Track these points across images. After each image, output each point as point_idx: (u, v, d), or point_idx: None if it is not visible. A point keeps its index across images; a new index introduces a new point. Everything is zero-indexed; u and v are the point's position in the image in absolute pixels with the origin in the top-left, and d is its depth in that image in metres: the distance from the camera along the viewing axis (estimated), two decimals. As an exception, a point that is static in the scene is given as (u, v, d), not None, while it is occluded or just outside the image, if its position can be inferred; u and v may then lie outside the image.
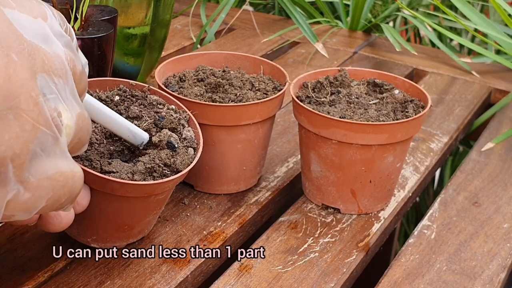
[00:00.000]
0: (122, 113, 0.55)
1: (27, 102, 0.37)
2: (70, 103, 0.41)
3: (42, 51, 0.39)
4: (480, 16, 0.97)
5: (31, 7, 0.41)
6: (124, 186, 0.49)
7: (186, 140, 0.55)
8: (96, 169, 0.50)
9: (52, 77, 0.39)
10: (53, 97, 0.39)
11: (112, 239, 0.55)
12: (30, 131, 0.37)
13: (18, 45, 0.37)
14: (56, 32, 0.42)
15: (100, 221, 0.53)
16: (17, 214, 0.39)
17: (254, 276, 0.56)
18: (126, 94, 0.57)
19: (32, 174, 0.38)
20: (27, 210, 0.39)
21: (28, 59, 0.37)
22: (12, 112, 0.36)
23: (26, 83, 0.37)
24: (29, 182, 0.38)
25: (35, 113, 0.37)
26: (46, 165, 0.39)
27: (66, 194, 0.42)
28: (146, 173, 0.51)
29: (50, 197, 0.40)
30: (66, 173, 0.41)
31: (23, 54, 0.37)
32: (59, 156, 0.40)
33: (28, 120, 0.37)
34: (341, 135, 0.59)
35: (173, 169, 0.52)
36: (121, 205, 0.52)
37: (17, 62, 0.36)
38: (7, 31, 0.37)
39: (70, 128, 0.41)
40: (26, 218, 0.40)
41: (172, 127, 0.55)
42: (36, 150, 0.38)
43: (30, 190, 0.38)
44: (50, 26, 0.41)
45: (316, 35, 1.01)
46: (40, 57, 0.39)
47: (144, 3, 0.77)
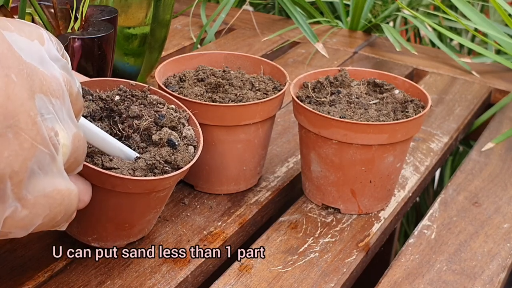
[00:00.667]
0: (122, 112, 0.56)
1: (26, 121, 0.37)
2: (66, 123, 0.42)
3: (40, 72, 0.40)
4: (480, 16, 0.97)
5: (29, 31, 0.42)
6: (125, 182, 0.49)
7: (186, 138, 0.55)
8: (97, 165, 0.50)
9: (50, 98, 0.40)
10: (50, 117, 0.40)
11: (112, 238, 0.55)
12: (28, 150, 0.38)
13: (17, 66, 0.38)
14: (53, 55, 0.43)
15: (100, 219, 0.53)
16: (14, 231, 0.40)
17: (254, 276, 0.56)
18: (126, 94, 0.58)
19: (30, 192, 0.39)
20: (24, 227, 0.40)
21: (27, 80, 0.38)
22: (11, 130, 0.37)
23: (25, 102, 0.37)
24: (27, 199, 0.39)
25: (34, 132, 0.38)
26: (44, 183, 0.40)
27: (62, 211, 0.42)
28: (147, 169, 0.51)
29: (47, 214, 0.41)
30: (62, 191, 0.42)
31: (22, 75, 0.38)
32: (56, 175, 0.41)
33: (27, 138, 0.37)
34: (341, 135, 0.59)
35: (174, 166, 0.52)
36: (122, 202, 0.52)
37: (16, 83, 0.37)
38: (7, 52, 0.37)
39: (66, 147, 0.42)
40: (23, 235, 0.41)
41: (172, 125, 0.55)
42: (34, 168, 0.39)
43: (28, 207, 0.39)
44: (47, 50, 0.42)
45: (316, 35, 1.01)
46: (38, 78, 0.39)
47: (144, 3, 0.77)
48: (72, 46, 0.59)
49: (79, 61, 0.60)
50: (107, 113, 0.56)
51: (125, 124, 0.55)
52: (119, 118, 0.55)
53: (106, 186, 0.50)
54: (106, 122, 0.55)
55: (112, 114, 0.56)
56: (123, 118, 0.55)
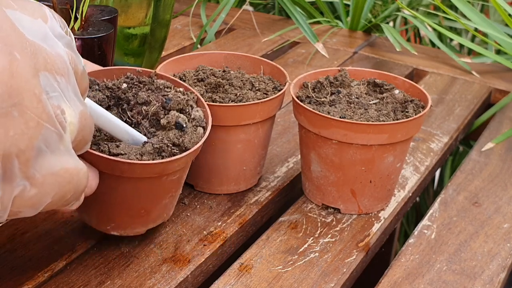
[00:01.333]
0: (130, 100, 0.55)
1: (31, 99, 0.37)
2: (72, 101, 0.41)
3: (44, 50, 0.40)
4: (480, 16, 0.97)
5: (32, 9, 0.41)
6: (132, 167, 0.49)
7: (195, 120, 0.55)
8: (104, 152, 0.50)
9: (55, 75, 0.40)
10: (56, 95, 0.40)
11: (130, 225, 0.55)
12: (34, 128, 0.37)
13: (21, 44, 0.37)
14: (57, 33, 0.42)
15: (116, 207, 0.53)
16: (23, 210, 0.39)
17: (254, 276, 0.56)
18: (134, 81, 0.57)
19: (38, 170, 0.39)
20: (33, 206, 0.40)
21: (31, 58, 0.38)
22: (16, 109, 0.36)
23: (29, 80, 0.37)
24: (35, 178, 0.39)
25: (39, 110, 0.38)
26: (51, 161, 0.40)
27: (71, 190, 0.42)
28: (155, 153, 0.51)
29: (56, 193, 0.41)
30: (71, 170, 0.41)
31: (25, 52, 0.38)
32: (63, 153, 0.41)
33: (33, 117, 0.37)
34: (341, 135, 0.59)
35: (182, 148, 0.52)
36: (133, 188, 0.52)
37: (20, 60, 0.37)
38: (10, 30, 0.37)
39: (73, 125, 0.41)
40: (32, 214, 0.41)
41: (180, 108, 0.55)
42: (41, 146, 0.38)
43: (36, 186, 0.39)
44: (51, 27, 0.42)
45: (316, 35, 1.01)
46: (42, 56, 0.39)
47: (144, 3, 0.77)
48: (72, 46, 0.59)
49: (79, 61, 0.60)
50: (115, 101, 0.55)
51: (133, 111, 0.55)
52: (127, 106, 0.55)
53: (115, 173, 0.49)
54: (115, 111, 0.55)
55: (120, 102, 0.55)
56: (132, 106, 0.55)
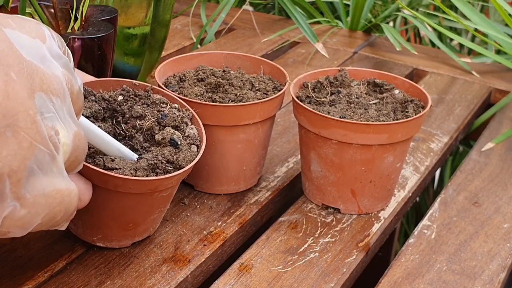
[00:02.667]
0: (125, 112, 0.56)
1: (25, 120, 0.37)
2: (67, 122, 0.42)
3: (41, 71, 0.40)
4: (480, 16, 0.97)
5: (30, 28, 0.41)
6: (127, 182, 0.49)
7: (189, 137, 0.55)
8: (99, 166, 0.50)
9: (50, 96, 0.40)
10: (50, 115, 0.40)
11: (117, 237, 0.55)
12: (27, 149, 0.38)
13: (18, 64, 0.38)
14: (54, 53, 0.42)
15: (105, 219, 0.53)
16: (12, 230, 0.39)
17: (254, 276, 0.56)
18: (129, 94, 0.58)
19: (29, 191, 0.39)
20: (23, 226, 0.40)
21: (27, 78, 0.38)
22: (10, 129, 0.36)
23: (24, 101, 0.37)
24: (26, 198, 0.39)
25: (33, 131, 0.38)
26: (43, 182, 0.40)
27: (62, 211, 0.42)
28: (149, 169, 0.51)
29: (46, 214, 0.41)
30: (62, 191, 0.41)
31: (22, 73, 0.38)
32: (55, 174, 0.41)
33: (26, 137, 0.37)
34: (341, 135, 0.59)
35: (176, 165, 0.52)
36: (125, 202, 0.52)
37: (16, 81, 0.37)
38: (8, 50, 0.37)
39: (67, 146, 0.41)
40: (22, 234, 0.41)
41: (175, 125, 0.55)
42: (33, 167, 0.38)
43: (27, 207, 0.39)
44: (49, 48, 0.42)
45: (316, 35, 1.01)
46: (39, 77, 0.39)
47: (144, 3, 0.77)
48: (72, 46, 0.59)
49: (79, 61, 0.60)
50: (110, 113, 0.56)
51: (128, 124, 0.55)
52: (122, 118, 0.55)
53: (109, 187, 0.50)
54: (110, 122, 0.55)
55: (115, 114, 0.56)
56: (126, 118, 0.55)
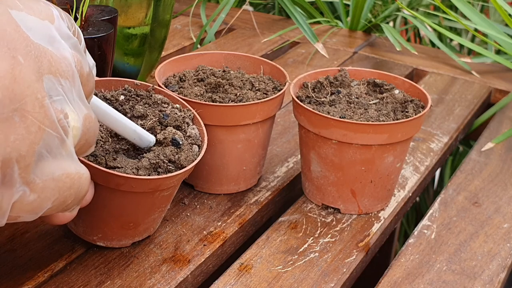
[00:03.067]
0: (127, 112, 0.56)
1: (33, 104, 0.37)
2: (77, 105, 0.41)
3: (49, 53, 0.39)
4: (480, 16, 0.97)
5: (38, 9, 0.41)
6: (128, 181, 0.49)
7: (190, 137, 0.55)
8: (101, 164, 0.50)
9: (59, 78, 0.39)
10: (59, 98, 0.39)
11: (117, 237, 0.55)
12: (35, 133, 0.37)
13: (25, 47, 0.37)
14: (64, 34, 0.42)
15: (105, 218, 0.54)
16: (23, 215, 0.39)
17: (254, 276, 0.56)
18: (131, 94, 0.58)
19: (38, 176, 0.38)
20: (33, 211, 0.39)
21: (35, 61, 0.38)
22: (17, 114, 0.36)
23: (32, 85, 0.37)
24: (35, 183, 0.38)
25: (41, 115, 0.37)
26: (52, 166, 0.39)
27: (72, 195, 0.42)
28: (151, 168, 0.51)
29: (56, 198, 0.40)
30: (72, 175, 0.41)
31: (29, 56, 0.37)
32: (65, 158, 0.40)
33: (34, 121, 0.37)
34: (341, 135, 0.59)
35: (178, 165, 0.52)
36: (126, 201, 0.52)
37: (23, 64, 0.37)
38: (14, 33, 0.37)
39: (77, 129, 0.41)
40: (32, 219, 0.40)
41: (176, 125, 0.55)
42: (42, 151, 0.38)
43: (36, 192, 0.39)
44: (58, 28, 0.41)
45: (316, 35, 1.01)
46: (47, 59, 0.39)
47: (144, 3, 0.77)
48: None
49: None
50: None
51: None
52: None
53: (110, 185, 0.50)
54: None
55: None
56: (128, 118, 0.55)
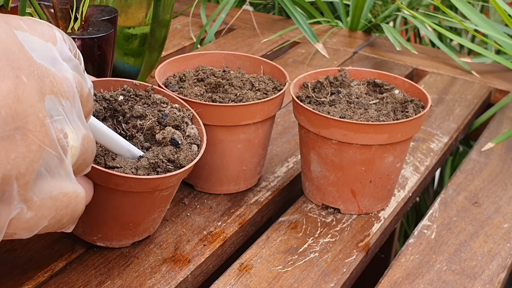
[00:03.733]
0: (126, 112, 0.56)
1: (35, 123, 0.37)
2: (76, 125, 0.42)
3: (51, 73, 0.40)
4: (480, 16, 0.97)
5: (42, 31, 0.42)
6: (127, 181, 0.50)
7: (189, 137, 0.55)
8: (100, 164, 0.51)
9: (60, 99, 0.40)
10: (60, 118, 0.40)
11: (117, 237, 0.55)
12: (36, 152, 0.38)
13: (28, 67, 0.38)
14: (65, 56, 0.43)
15: (105, 218, 0.54)
16: (19, 232, 0.40)
17: (254, 276, 0.56)
18: (130, 94, 0.58)
19: (36, 194, 0.39)
20: (29, 229, 0.40)
21: (38, 81, 0.38)
22: (19, 132, 0.36)
23: (34, 104, 0.37)
24: (33, 201, 0.39)
25: (42, 134, 0.38)
26: (50, 185, 0.40)
27: (68, 214, 0.42)
28: (150, 168, 0.51)
29: (53, 217, 0.41)
30: (69, 194, 0.42)
31: (32, 76, 0.38)
32: (63, 177, 0.41)
33: (35, 140, 0.37)
34: (341, 135, 0.59)
35: (177, 164, 0.52)
36: (126, 201, 0.52)
37: (27, 84, 0.37)
38: (18, 53, 0.37)
39: (75, 149, 0.42)
40: (28, 236, 0.41)
41: (175, 124, 0.56)
42: (41, 170, 0.39)
43: (33, 210, 0.39)
44: (60, 50, 0.42)
45: (316, 35, 1.01)
46: (49, 80, 0.39)
47: (144, 3, 0.77)
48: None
49: (79, 61, 0.60)
50: (111, 113, 0.56)
51: (129, 124, 0.55)
52: (123, 118, 0.56)
53: (110, 185, 0.50)
54: (110, 122, 0.55)
55: (116, 114, 0.56)
56: (127, 118, 0.56)
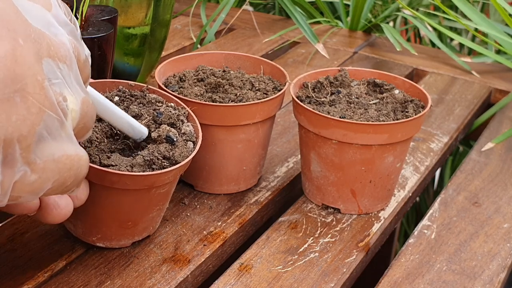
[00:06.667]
0: None
1: (34, 85, 0.37)
2: (74, 89, 0.42)
3: (48, 37, 0.40)
4: (480, 15, 0.97)
5: None
6: (123, 178, 0.50)
7: (185, 134, 0.55)
8: (95, 163, 0.51)
9: (57, 62, 0.40)
10: (58, 82, 0.40)
11: (116, 237, 0.55)
12: (36, 114, 0.38)
13: (25, 31, 0.38)
14: (61, 20, 0.42)
15: (103, 217, 0.54)
16: (23, 195, 0.40)
17: (254, 276, 0.56)
18: (126, 95, 0.58)
19: (39, 156, 0.39)
20: (34, 191, 0.40)
21: (34, 44, 0.38)
22: (18, 94, 0.37)
23: (32, 66, 0.37)
24: (36, 163, 0.39)
25: (41, 96, 0.38)
26: (52, 148, 0.40)
27: (72, 176, 0.42)
28: (145, 165, 0.51)
29: (56, 179, 0.41)
30: (72, 156, 0.42)
31: (29, 38, 0.38)
32: (65, 140, 0.41)
33: (35, 103, 0.37)
34: (341, 135, 0.59)
35: (172, 161, 0.52)
36: (122, 199, 0.52)
37: (24, 46, 0.37)
38: (14, 16, 0.37)
39: (75, 112, 0.42)
40: (32, 200, 0.41)
41: (171, 122, 0.56)
42: (43, 132, 0.39)
43: (37, 172, 0.39)
44: (55, 15, 0.42)
45: (316, 35, 1.01)
46: (46, 43, 0.39)
47: (144, 3, 0.77)
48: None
49: (79, 61, 0.60)
50: None
51: None
52: None
53: (105, 184, 0.50)
54: (106, 123, 0.55)
55: None
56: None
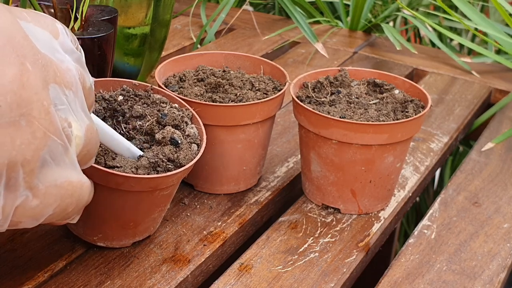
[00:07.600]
0: (125, 112, 0.56)
1: (39, 110, 0.38)
2: (79, 115, 0.42)
3: (55, 63, 0.40)
4: (480, 15, 0.97)
5: (45, 23, 0.42)
6: (128, 180, 0.50)
7: (189, 137, 0.55)
8: (100, 164, 0.51)
9: (63, 89, 0.40)
10: (63, 108, 0.40)
11: (117, 237, 0.55)
12: (41, 139, 0.38)
13: (33, 56, 0.38)
14: (68, 48, 0.43)
15: (105, 218, 0.54)
16: (24, 220, 0.40)
17: (254, 276, 0.56)
18: (130, 94, 0.58)
19: (41, 182, 0.39)
20: (35, 217, 0.40)
21: (42, 70, 0.38)
22: (24, 118, 0.37)
23: (39, 92, 0.38)
24: (38, 189, 0.39)
25: (47, 121, 0.38)
26: (55, 173, 0.40)
27: (73, 203, 0.42)
28: (150, 167, 0.51)
29: (58, 205, 0.41)
30: (74, 183, 0.42)
31: (37, 64, 0.38)
32: (68, 166, 0.41)
33: (40, 127, 0.38)
34: (341, 135, 0.59)
35: (177, 164, 0.52)
36: (126, 201, 0.52)
37: (31, 71, 0.37)
38: (23, 41, 0.38)
39: (79, 138, 0.42)
40: (33, 225, 0.41)
41: (175, 124, 0.56)
42: (46, 158, 0.39)
43: (39, 197, 0.39)
44: (62, 42, 0.43)
45: (316, 35, 1.01)
46: (53, 69, 0.40)
47: (144, 3, 0.77)
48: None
49: (79, 61, 0.60)
50: (111, 113, 0.56)
51: (128, 124, 0.55)
52: (122, 118, 0.56)
53: (110, 185, 0.50)
54: (110, 122, 0.56)
55: (115, 114, 0.56)
56: (127, 118, 0.56)
